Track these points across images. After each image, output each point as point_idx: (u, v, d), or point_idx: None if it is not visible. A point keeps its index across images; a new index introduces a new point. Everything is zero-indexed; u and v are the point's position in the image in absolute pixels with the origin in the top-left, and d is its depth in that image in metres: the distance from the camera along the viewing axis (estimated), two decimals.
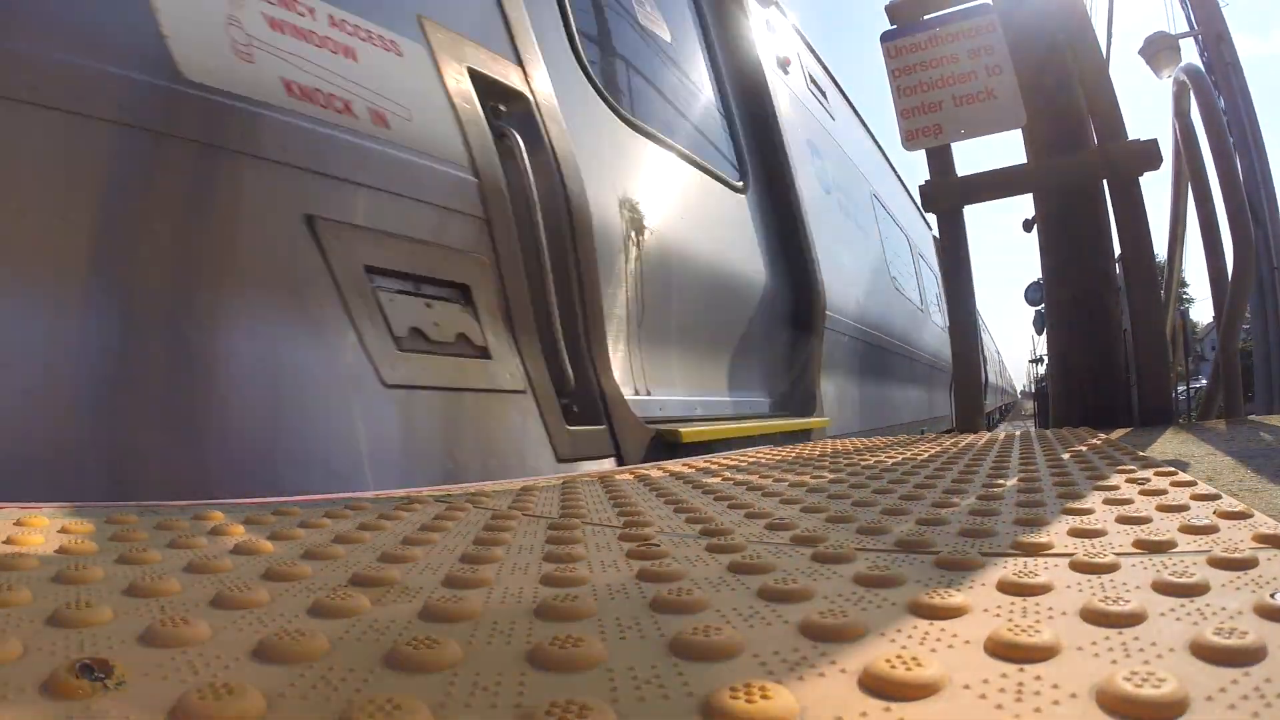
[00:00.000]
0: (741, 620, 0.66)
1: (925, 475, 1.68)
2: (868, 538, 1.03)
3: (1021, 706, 0.46)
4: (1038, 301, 14.73)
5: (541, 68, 2.66)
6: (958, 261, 4.26)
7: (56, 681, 0.49)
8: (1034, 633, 0.55)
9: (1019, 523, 1.08)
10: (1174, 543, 0.90)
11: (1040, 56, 4.06)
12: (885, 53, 4.09)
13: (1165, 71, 8.29)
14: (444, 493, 1.63)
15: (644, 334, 3.14)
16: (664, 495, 1.52)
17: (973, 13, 4.01)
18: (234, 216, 1.72)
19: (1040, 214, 4.41)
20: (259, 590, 0.73)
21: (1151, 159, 3.71)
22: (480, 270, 2.24)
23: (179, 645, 0.58)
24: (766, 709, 0.46)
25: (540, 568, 0.88)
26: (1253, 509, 1.09)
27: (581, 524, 1.18)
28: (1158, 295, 4.07)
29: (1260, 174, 7.44)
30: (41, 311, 1.45)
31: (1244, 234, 3.96)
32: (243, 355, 1.70)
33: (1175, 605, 0.65)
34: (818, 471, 1.89)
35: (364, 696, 0.47)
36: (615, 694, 0.50)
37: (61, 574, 0.78)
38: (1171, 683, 0.46)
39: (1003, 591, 0.72)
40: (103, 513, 1.16)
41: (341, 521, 1.20)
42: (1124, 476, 1.51)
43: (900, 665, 0.50)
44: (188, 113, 1.61)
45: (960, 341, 4.42)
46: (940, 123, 3.97)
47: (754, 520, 1.20)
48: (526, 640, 0.61)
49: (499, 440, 2.23)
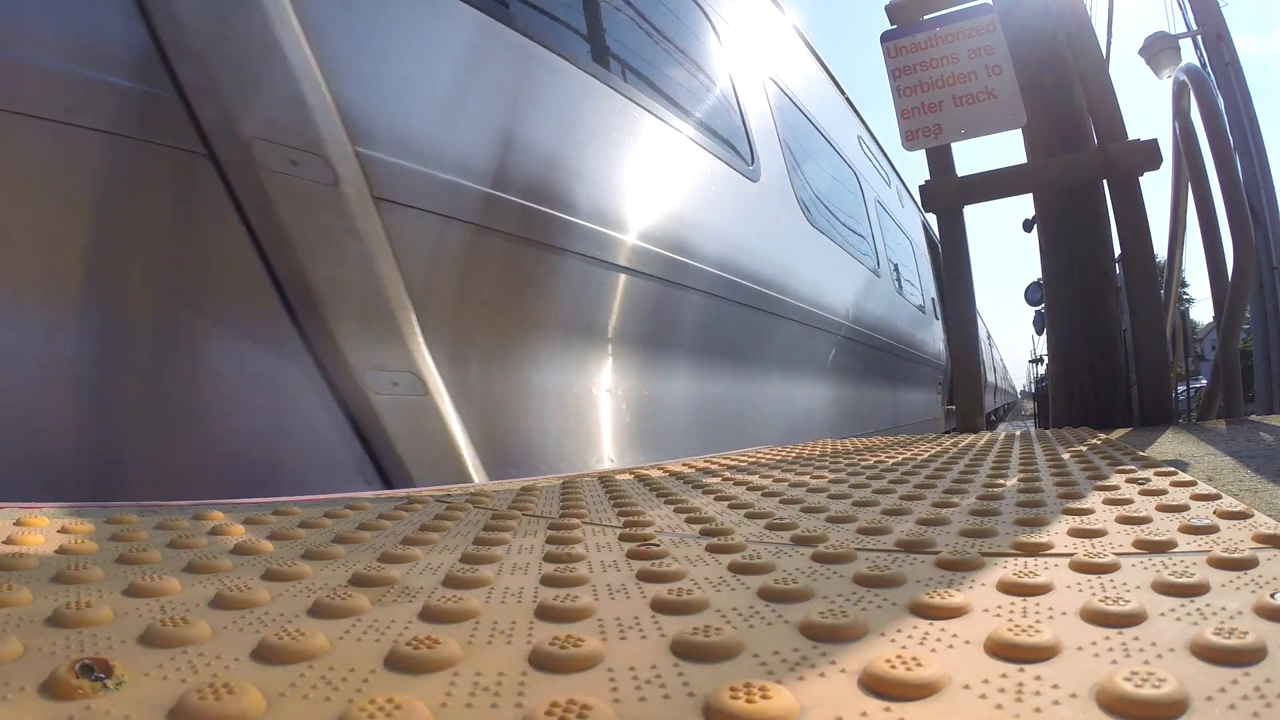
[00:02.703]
0: (741, 620, 0.66)
1: (926, 475, 1.68)
2: (868, 538, 1.03)
3: (1021, 706, 0.46)
4: (1038, 301, 14.70)
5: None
6: (958, 261, 4.26)
7: (56, 681, 0.49)
8: (1034, 633, 0.55)
9: (1019, 523, 1.08)
10: (1174, 543, 0.90)
11: (1040, 56, 4.06)
12: (885, 53, 4.09)
13: (1165, 71, 8.29)
14: (444, 492, 1.63)
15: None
16: (664, 495, 1.52)
17: (973, 13, 4.01)
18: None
19: (1040, 214, 4.41)
20: (259, 590, 0.73)
21: (1151, 159, 3.71)
22: None
23: (179, 645, 0.58)
24: (766, 709, 0.46)
25: (540, 568, 0.88)
26: (1253, 509, 1.09)
27: (581, 524, 1.18)
28: (1158, 295, 4.07)
29: (1260, 174, 7.44)
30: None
31: (1244, 234, 3.96)
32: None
33: (1175, 605, 0.65)
34: (818, 471, 1.89)
35: (364, 696, 0.47)
36: (615, 694, 0.50)
37: (61, 574, 0.78)
38: (1171, 683, 0.46)
39: (1003, 591, 0.72)
40: (103, 513, 1.16)
41: (341, 521, 1.20)
42: (1124, 476, 1.51)
43: (900, 665, 0.50)
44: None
45: (960, 341, 4.42)
46: (940, 123, 3.97)
47: (754, 520, 1.20)
48: (526, 640, 0.61)
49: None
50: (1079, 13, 4.11)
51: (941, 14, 4.07)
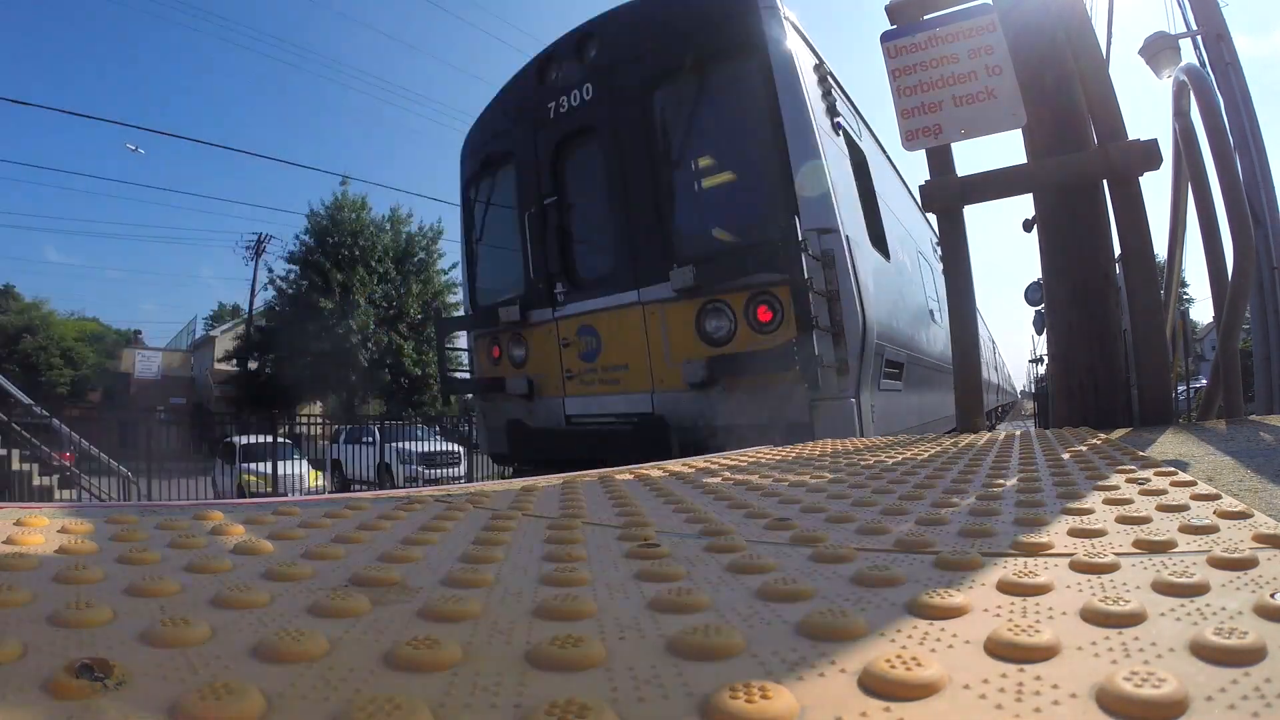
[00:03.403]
0: (741, 620, 0.66)
1: (925, 475, 1.68)
2: (867, 538, 1.03)
3: (1021, 706, 0.46)
4: (1038, 301, 14.77)
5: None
6: (958, 261, 4.26)
7: (56, 681, 0.49)
8: (1034, 633, 0.55)
9: (1019, 523, 1.08)
10: (1174, 543, 0.90)
11: (1040, 56, 4.06)
12: (885, 52, 4.09)
13: (1165, 71, 8.28)
14: (444, 492, 1.63)
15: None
16: (664, 495, 1.52)
17: (973, 12, 4.01)
18: None
19: (1040, 214, 4.41)
20: (259, 590, 0.73)
21: (1151, 159, 3.71)
22: None
23: (179, 645, 0.58)
24: (766, 709, 0.46)
25: (540, 568, 0.88)
26: (1253, 509, 1.09)
27: (581, 524, 1.18)
28: (1158, 295, 4.07)
29: (1260, 174, 7.42)
30: None
31: (1244, 234, 3.96)
32: None
33: (1175, 605, 0.65)
34: (818, 471, 1.89)
35: (364, 696, 0.47)
36: (615, 694, 0.50)
37: (61, 574, 0.78)
38: (1171, 683, 0.46)
39: (1003, 591, 0.72)
40: (103, 513, 1.16)
41: (341, 521, 1.20)
42: (1124, 476, 1.51)
43: (900, 665, 0.50)
44: None
45: (960, 340, 4.42)
46: (940, 123, 3.97)
47: (754, 520, 1.20)
48: (526, 640, 0.61)
49: None
50: (1079, 13, 4.11)
51: (941, 14, 4.07)
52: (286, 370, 25.17)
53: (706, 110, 4.97)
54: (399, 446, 14.74)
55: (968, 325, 4.42)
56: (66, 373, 33.76)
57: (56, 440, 11.12)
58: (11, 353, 31.99)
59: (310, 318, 24.69)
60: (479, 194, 6.55)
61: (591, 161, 5.51)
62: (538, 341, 5.81)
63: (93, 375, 34.64)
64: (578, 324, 5.47)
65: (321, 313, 24.70)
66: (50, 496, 9.88)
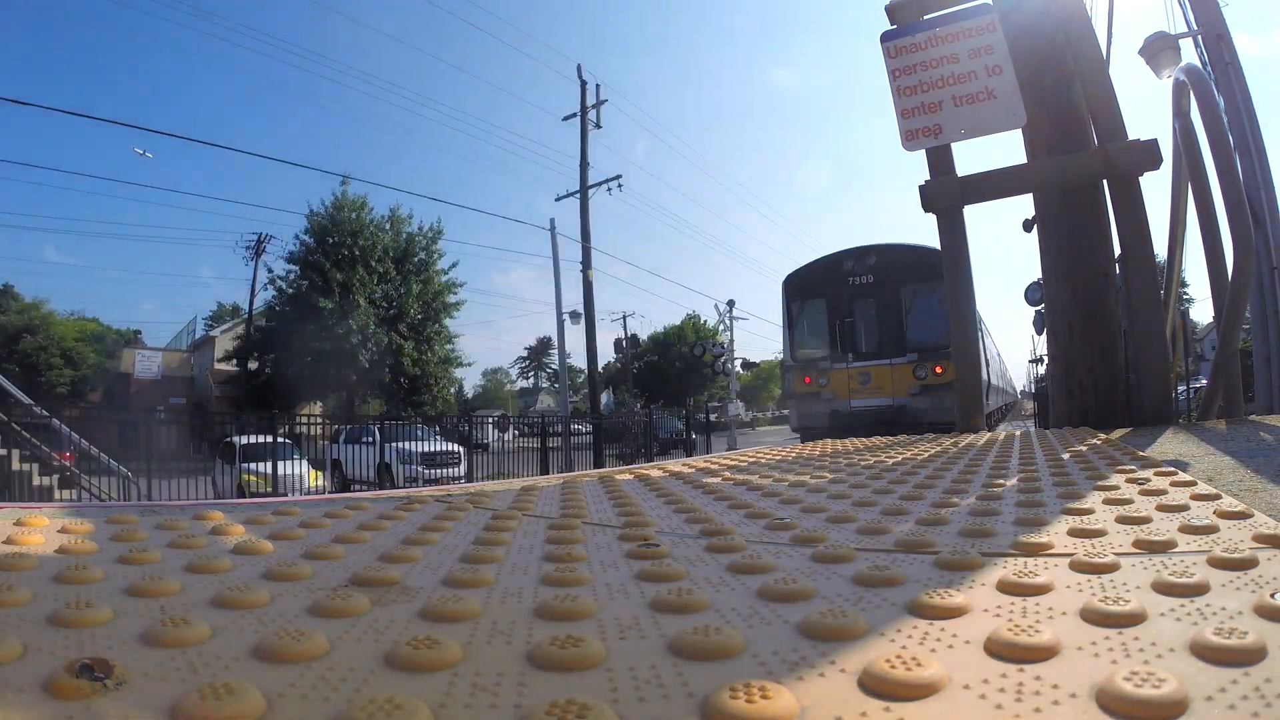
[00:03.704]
0: (741, 620, 0.66)
1: (926, 475, 1.68)
2: (868, 538, 1.03)
3: (1021, 706, 0.46)
4: (1038, 301, 15.15)
5: None
6: (958, 261, 4.26)
7: (57, 681, 0.49)
8: (1034, 633, 0.55)
9: (1019, 523, 1.08)
10: (1174, 543, 0.90)
11: (1040, 56, 4.06)
12: (885, 52, 4.09)
13: (1165, 71, 8.28)
14: (444, 493, 1.63)
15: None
16: (664, 495, 1.52)
17: (973, 13, 4.01)
18: None
19: (1040, 214, 4.41)
20: (259, 590, 0.73)
21: (1151, 159, 3.71)
22: None
23: (179, 645, 0.58)
24: (766, 709, 0.46)
25: (540, 568, 0.88)
26: (1253, 509, 1.09)
27: (582, 524, 1.18)
28: (1158, 295, 4.07)
29: (1260, 174, 7.42)
30: None
31: (1244, 234, 3.96)
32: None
33: (1175, 605, 0.65)
34: (818, 471, 1.89)
35: (364, 696, 0.47)
36: (615, 694, 0.50)
37: (61, 574, 0.78)
38: (1171, 683, 0.46)
39: (1003, 591, 0.72)
40: (103, 513, 1.16)
41: (341, 521, 1.20)
42: (1124, 476, 1.51)
43: (900, 665, 0.50)
44: None
45: (960, 341, 4.42)
46: (940, 123, 3.97)
47: (754, 520, 1.20)
48: (526, 640, 0.61)
49: None
50: (1079, 13, 4.11)
51: (941, 14, 4.07)
52: (286, 370, 25.16)
53: (922, 300, 11.85)
54: (399, 446, 14.72)
55: (968, 325, 4.42)
56: (66, 373, 33.74)
57: (56, 440, 11.11)
58: (11, 353, 31.98)
59: (310, 318, 24.67)
60: (801, 308, 13.32)
61: (869, 308, 12.57)
62: (834, 376, 12.59)
63: (93, 375, 34.62)
64: (860, 371, 12.42)
65: (321, 313, 24.68)
66: (50, 496, 9.87)
